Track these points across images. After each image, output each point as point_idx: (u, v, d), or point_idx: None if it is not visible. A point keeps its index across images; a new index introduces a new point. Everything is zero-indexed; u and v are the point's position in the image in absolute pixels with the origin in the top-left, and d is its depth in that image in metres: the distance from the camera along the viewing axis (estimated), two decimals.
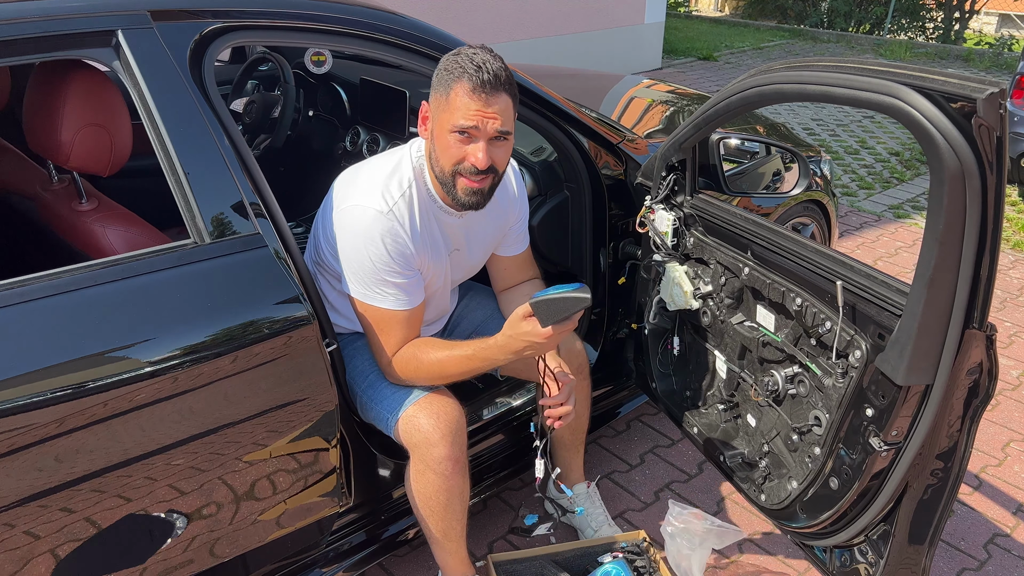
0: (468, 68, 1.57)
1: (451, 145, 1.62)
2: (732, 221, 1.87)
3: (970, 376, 1.37)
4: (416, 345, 1.75)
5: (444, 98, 1.61)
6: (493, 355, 1.68)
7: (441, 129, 1.63)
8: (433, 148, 1.67)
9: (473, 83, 1.57)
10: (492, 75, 1.58)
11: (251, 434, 1.55)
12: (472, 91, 1.57)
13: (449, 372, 1.74)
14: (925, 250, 1.27)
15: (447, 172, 1.66)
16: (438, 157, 1.66)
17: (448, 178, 1.67)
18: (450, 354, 1.72)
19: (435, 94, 1.64)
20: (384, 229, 1.66)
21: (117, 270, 1.40)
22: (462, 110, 1.58)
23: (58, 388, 1.30)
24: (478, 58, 1.59)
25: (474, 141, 1.62)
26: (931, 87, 1.20)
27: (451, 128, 1.60)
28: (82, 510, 1.39)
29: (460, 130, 1.60)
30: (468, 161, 1.63)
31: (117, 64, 1.50)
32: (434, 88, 1.64)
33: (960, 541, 2.34)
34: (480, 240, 1.93)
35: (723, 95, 1.72)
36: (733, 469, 1.95)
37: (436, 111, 1.64)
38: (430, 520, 1.80)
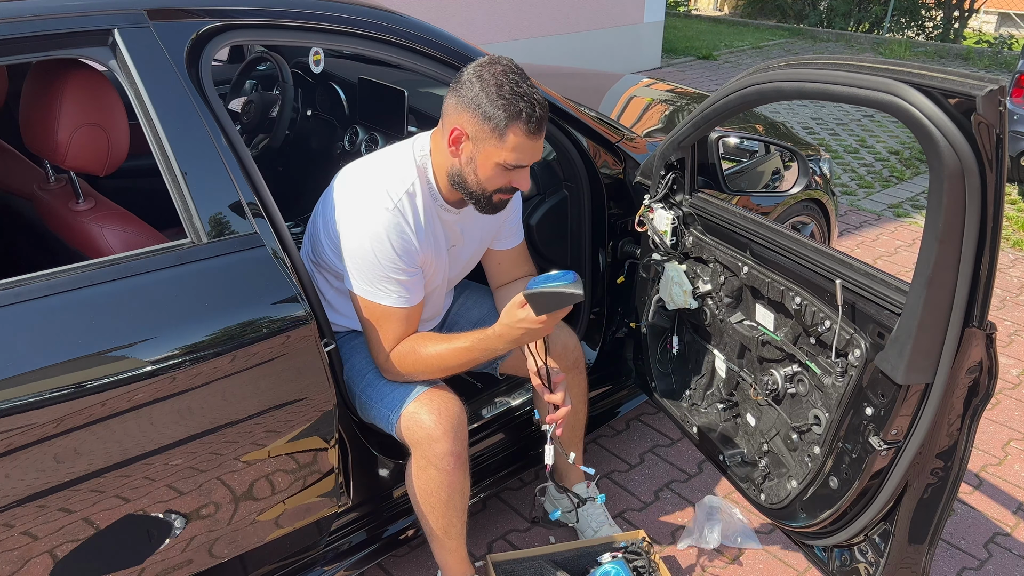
0: (523, 108, 1.58)
1: (498, 175, 1.66)
2: (731, 220, 1.87)
3: (970, 375, 1.36)
4: (414, 340, 1.76)
5: (497, 136, 1.60)
6: (491, 344, 1.70)
7: (487, 160, 1.64)
8: (471, 172, 1.67)
9: (530, 127, 1.60)
10: (542, 111, 1.62)
11: (249, 434, 1.54)
12: (529, 134, 1.61)
13: (448, 364, 1.74)
14: (925, 248, 1.27)
15: (487, 192, 1.70)
16: (479, 180, 1.68)
17: (484, 196, 1.71)
18: (448, 346, 1.73)
19: (480, 125, 1.60)
20: (389, 225, 1.66)
21: (114, 270, 1.40)
22: (519, 151, 1.63)
23: (55, 388, 1.29)
24: (526, 91, 1.59)
25: (519, 171, 1.68)
26: (930, 84, 1.19)
27: (502, 163, 1.64)
28: (80, 510, 1.38)
29: (513, 167, 1.65)
30: (511, 185, 1.70)
31: (114, 63, 1.49)
32: (477, 117, 1.60)
33: (960, 540, 2.34)
34: (475, 235, 1.94)
35: (722, 93, 1.71)
36: (733, 469, 1.94)
37: (481, 142, 1.62)
38: (431, 517, 1.80)
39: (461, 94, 1.62)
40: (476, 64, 1.64)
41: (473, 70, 1.62)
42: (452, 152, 1.67)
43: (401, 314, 1.72)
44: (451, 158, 1.68)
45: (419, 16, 1.95)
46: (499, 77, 1.59)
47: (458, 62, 1.96)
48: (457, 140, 1.65)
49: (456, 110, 1.63)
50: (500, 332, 1.67)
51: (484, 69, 1.61)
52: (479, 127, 1.61)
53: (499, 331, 1.67)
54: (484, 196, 1.71)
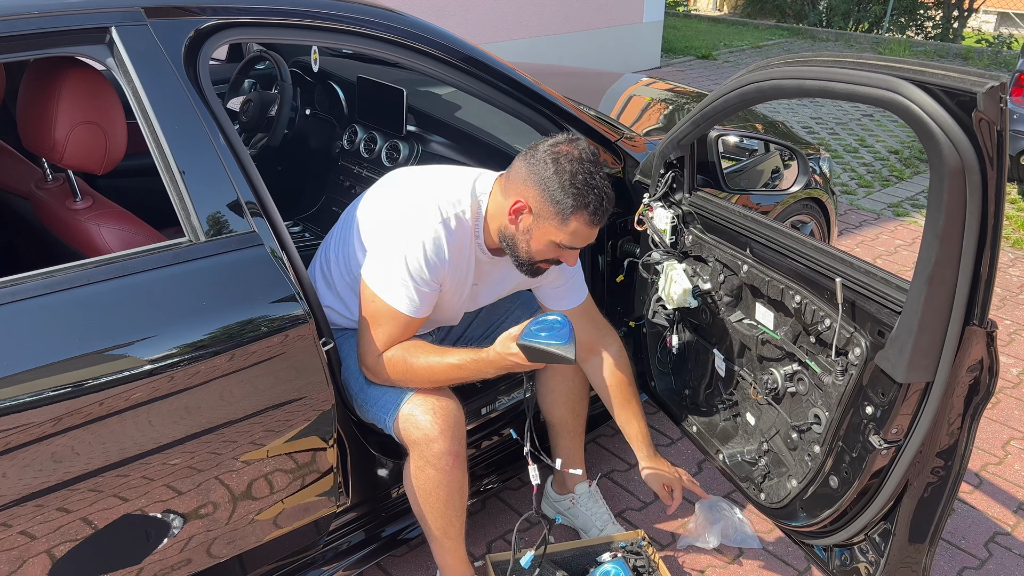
0: (592, 201, 1.64)
1: (550, 251, 1.72)
2: (731, 219, 1.86)
3: (971, 373, 1.36)
4: (406, 347, 1.75)
5: (560, 219, 1.65)
6: (482, 368, 1.73)
7: (544, 237, 1.69)
8: (523, 241, 1.72)
9: (595, 218, 1.66)
10: (609, 204, 1.67)
11: (248, 433, 1.54)
12: (592, 224, 1.67)
13: (437, 378, 1.75)
14: (925, 246, 1.26)
15: (534, 261, 1.76)
16: (530, 251, 1.73)
17: (531, 264, 1.76)
18: (440, 360, 1.74)
19: (546, 203, 1.65)
20: (430, 234, 1.69)
21: (112, 268, 1.40)
22: (578, 236, 1.69)
23: (53, 388, 1.29)
24: (597, 185, 1.64)
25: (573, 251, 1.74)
26: (931, 81, 1.18)
27: (560, 243, 1.69)
28: (78, 510, 1.38)
29: (568, 248, 1.71)
30: (560, 260, 1.77)
31: (111, 61, 1.49)
32: (545, 195, 1.65)
33: (961, 540, 2.33)
34: (501, 282, 1.97)
35: (721, 92, 1.71)
36: (732, 468, 1.94)
37: (543, 219, 1.67)
38: (430, 517, 1.79)
39: (534, 170, 1.67)
40: (553, 143, 1.68)
41: (549, 149, 1.67)
42: (511, 220, 1.72)
43: (403, 320, 1.72)
44: (508, 223, 1.72)
45: (419, 15, 1.95)
46: (575, 165, 1.64)
47: (458, 61, 1.96)
48: (519, 211, 1.70)
49: (524, 182, 1.68)
50: (492, 358, 1.71)
51: (561, 153, 1.66)
52: (544, 207, 1.66)
53: (492, 357, 1.70)
54: (529, 263, 1.76)
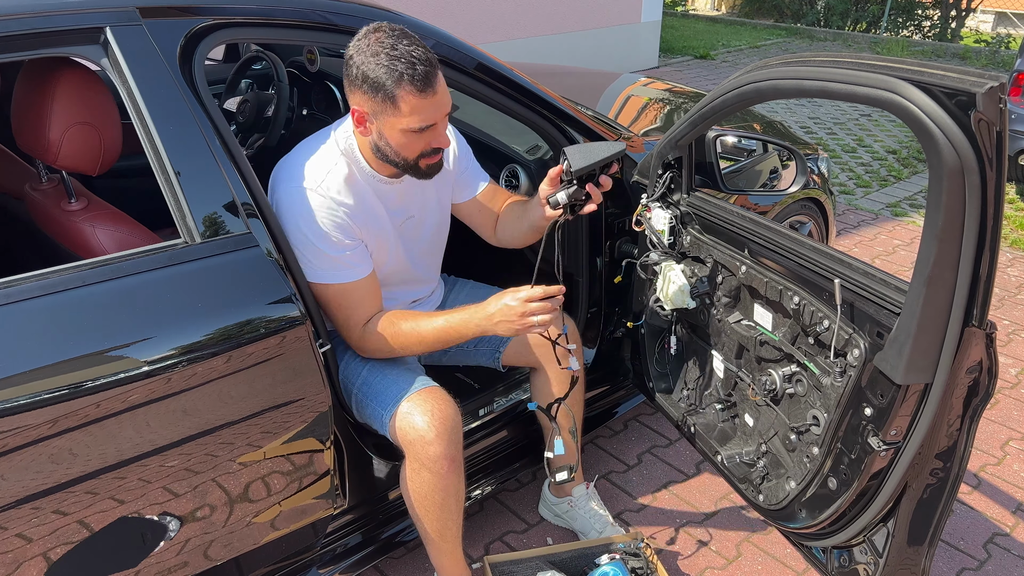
0: (405, 70, 1.54)
1: (411, 142, 1.64)
2: (729, 219, 1.86)
3: (970, 375, 1.35)
4: (393, 315, 1.77)
5: (390, 105, 1.58)
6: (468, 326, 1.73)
7: (393, 130, 1.63)
8: (385, 144, 1.66)
9: (417, 85, 1.56)
10: (427, 64, 1.56)
11: (244, 435, 1.53)
12: (420, 91, 1.57)
13: (425, 339, 1.76)
14: (924, 247, 1.26)
15: (410, 161, 1.68)
16: (397, 151, 1.67)
17: (410, 165, 1.70)
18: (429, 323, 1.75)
19: (371, 99, 1.59)
20: (316, 205, 1.67)
21: (107, 270, 1.39)
22: (417, 113, 1.59)
23: (47, 390, 1.28)
24: (404, 51, 1.54)
25: (433, 130, 1.64)
26: (929, 81, 1.18)
27: (407, 129, 1.61)
28: (74, 513, 1.37)
29: (420, 129, 1.62)
30: (432, 146, 1.67)
31: (105, 62, 1.48)
32: (366, 93, 1.58)
33: (959, 540, 2.33)
34: (428, 198, 1.92)
35: (719, 92, 1.70)
36: (731, 469, 1.93)
37: (380, 115, 1.61)
38: (426, 520, 1.78)
39: (349, 75, 1.60)
40: (355, 39, 1.59)
41: (353, 46, 1.59)
42: (362, 132, 1.68)
43: (352, 287, 1.72)
44: (363, 137, 1.69)
45: (416, 14, 1.94)
46: (375, 46, 1.55)
47: (455, 61, 1.95)
48: (361, 120, 1.65)
49: (350, 91, 1.62)
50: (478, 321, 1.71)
51: (361, 42, 1.58)
52: (373, 104, 1.59)
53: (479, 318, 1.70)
54: (410, 165, 1.70)
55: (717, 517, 2.41)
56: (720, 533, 2.35)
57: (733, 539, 2.32)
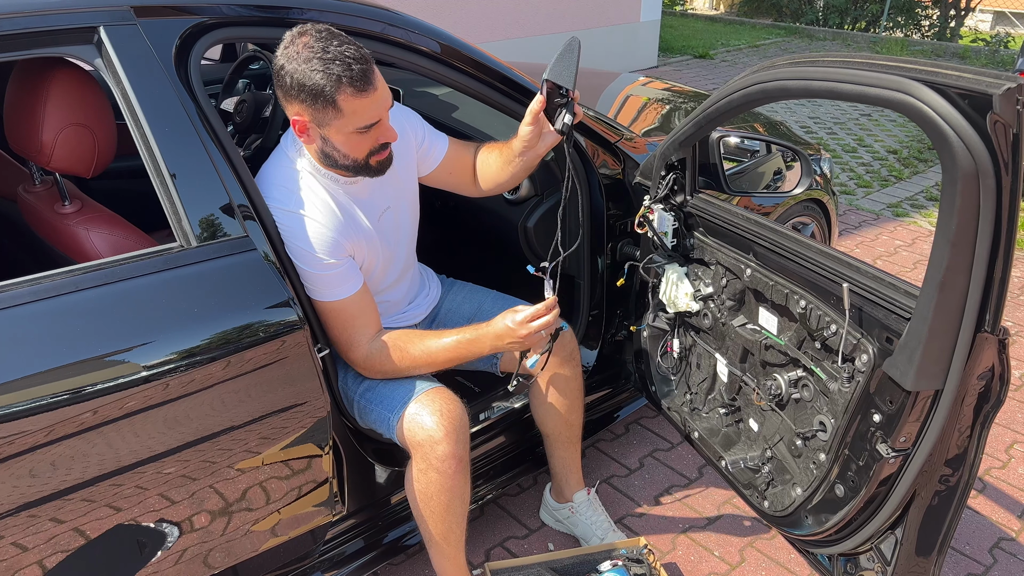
0: (340, 72, 1.49)
1: (358, 142, 1.60)
2: (733, 221, 1.83)
3: (981, 381, 1.33)
4: (400, 336, 1.75)
5: (332, 110, 1.53)
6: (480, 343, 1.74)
7: (338, 134, 1.57)
8: (331, 149, 1.61)
9: (357, 85, 1.51)
10: (361, 61, 1.52)
11: (242, 442, 1.51)
12: (359, 92, 1.52)
13: (435, 359, 1.76)
14: (936, 252, 1.23)
15: (360, 161, 1.63)
16: (346, 153, 1.61)
17: (361, 165, 1.64)
18: (437, 342, 1.75)
19: (308, 107, 1.53)
20: (298, 227, 1.62)
21: (101, 275, 1.36)
22: (359, 113, 1.55)
23: (41, 397, 1.25)
24: (336, 55, 1.49)
25: (378, 126, 1.60)
26: (944, 82, 1.15)
27: (353, 131, 1.57)
28: (70, 521, 1.35)
29: (365, 128, 1.57)
30: (379, 142, 1.63)
31: (99, 62, 1.45)
32: (304, 101, 1.53)
33: (965, 545, 2.30)
34: (398, 184, 1.86)
35: (724, 92, 1.68)
36: (735, 475, 1.91)
37: (322, 121, 1.56)
38: (430, 522, 1.76)
39: (283, 85, 1.54)
40: (281, 47, 1.53)
41: (282, 55, 1.53)
42: (305, 141, 1.62)
43: (349, 302, 1.69)
44: (311, 146, 1.64)
45: (415, 13, 1.91)
46: (305, 52, 1.50)
47: (454, 60, 1.93)
48: (303, 129, 1.59)
49: (286, 102, 1.57)
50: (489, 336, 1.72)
51: (289, 49, 1.52)
52: (312, 110, 1.54)
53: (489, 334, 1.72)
54: (361, 165, 1.64)
55: (720, 522, 2.38)
56: (723, 538, 2.32)
57: (736, 544, 2.30)
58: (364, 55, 1.53)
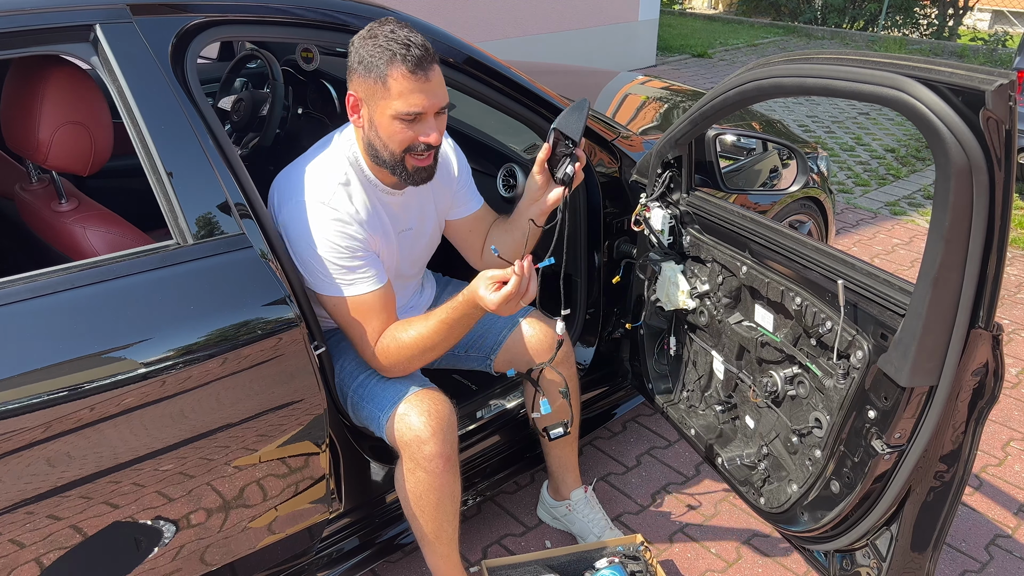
0: (398, 50, 1.53)
1: (398, 131, 1.60)
2: (729, 219, 1.83)
3: (975, 377, 1.33)
4: (392, 330, 1.73)
5: (381, 86, 1.56)
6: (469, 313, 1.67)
7: (382, 116, 1.60)
8: (374, 135, 1.64)
9: (408, 65, 1.54)
10: (422, 50, 1.55)
11: (239, 439, 1.51)
12: (410, 74, 1.54)
13: (431, 342, 1.70)
14: (930, 248, 1.24)
15: (397, 155, 1.64)
16: (384, 143, 1.63)
17: (397, 161, 1.65)
18: (426, 325, 1.70)
19: (364, 81, 1.58)
20: (327, 219, 1.64)
21: (97, 272, 1.36)
22: (406, 96, 1.56)
23: (38, 394, 1.25)
24: (400, 36, 1.54)
25: (421, 121, 1.60)
26: (937, 79, 1.16)
27: (395, 115, 1.58)
28: (67, 518, 1.35)
29: (407, 115, 1.58)
30: (419, 140, 1.62)
31: (96, 60, 1.45)
32: (360, 75, 1.58)
33: (961, 542, 2.31)
34: (427, 211, 1.90)
35: (720, 90, 1.68)
36: (731, 472, 1.91)
37: (371, 99, 1.59)
38: (421, 520, 1.76)
39: (349, 62, 1.60)
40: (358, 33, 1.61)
41: (357, 36, 1.60)
42: (355, 122, 1.66)
43: (372, 299, 1.69)
44: (359, 130, 1.67)
45: (413, 12, 1.91)
46: (374, 30, 1.57)
47: (452, 59, 1.93)
48: (355, 107, 1.63)
49: (349, 78, 1.61)
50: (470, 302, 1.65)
51: (364, 31, 1.59)
52: (367, 85, 1.58)
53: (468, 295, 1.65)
54: (398, 161, 1.65)
55: (717, 519, 2.39)
56: (720, 535, 2.33)
57: (733, 541, 2.30)
58: (428, 47, 1.57)
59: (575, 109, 1.78)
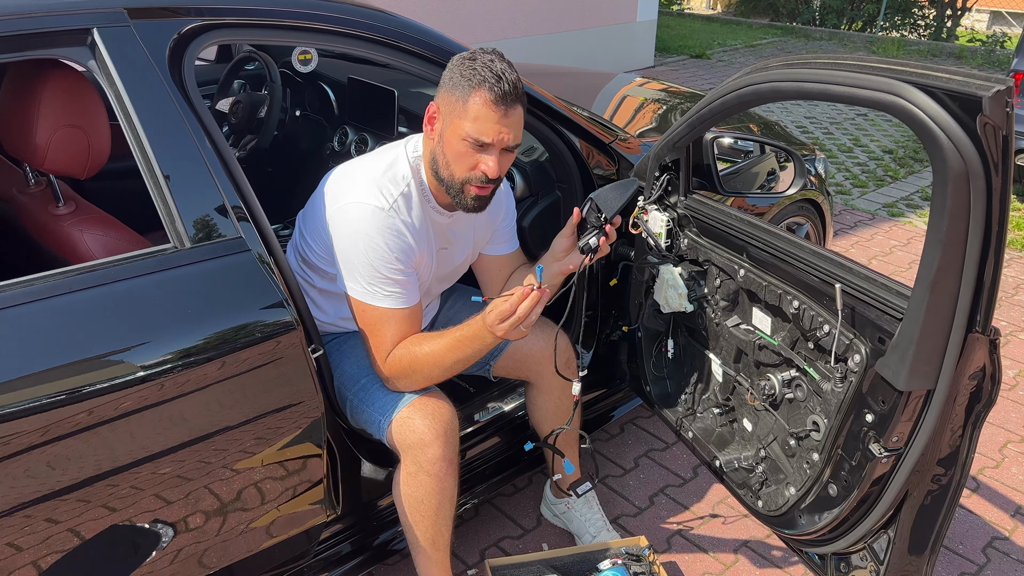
0: (488, 78, 1.57)
1: (463, 153, 1.63)
2: (727, 222, 1.84)
3: (972, 381, 1.33)
4: (407, 342, 1.72)
5: (461, 104, 1.59)
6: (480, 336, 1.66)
7: (453, 134, 1.62)
8: (441, 151, 1.66)
9: (494, 95, 1.57)
10: (511, 87, 1.59)
11: (237, 442, 1.51)
12: (492, 102, 1.58)
13: (443, 361, 1.70)
14: (928, 252, 1.24)
15: (457, 179, 1.66)
16: (448, 162, 1.65)
17: (456, 184, 1.67)
18: (440, 342, 1.69)
19: (449, 96, 1.62)
20: (385, 226, 1.65)
21: (95, 276, 1.36)
22: (480, 121, 1.59)
23: (35, 398, 1.25)
24: (496, 67, 1.59)
25: (486, 151, 1.63)
26: (934, 85, 1.16)
27: (465, 136, 1.60)
28: (64, 521, 1.35)
29: (475, 141, 1.60)
30: (479, 170, 1.64)
31: (93, 64, 1.45)
32: (447, 90, 1.63)
33: (959, 545, 2.31)
34: (467, 238, 1.92)
35: (718, 93, 1.68)
36: (729, 475, 1.91)
37: (449, 115, 1.62)
38: (419, 526, 1.76)
39: (442, 78, 1.65)
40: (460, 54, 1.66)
41: (455, 57, 1.65)
42: (428, 132, 1.69)
43: (401, 315, 1.69)
44: (430, 142, 1.69)
45: (409, 14, 1.92)
46: (475, 54, 1.62)
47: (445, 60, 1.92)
48: (432, 119, 1.67)
49: (437, 93, 1.67)
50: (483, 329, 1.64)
51: (467, 53, 1.65)
52: (448, 100, 1.62)
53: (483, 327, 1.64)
54: (458, 186, 1.67)
55: (715, 521, 2.39)
56: (718, 537, 2.33)
57: (731, 544, 2.30)
58: (518, 86, 1.61)
59: (621, 187, 1.80)
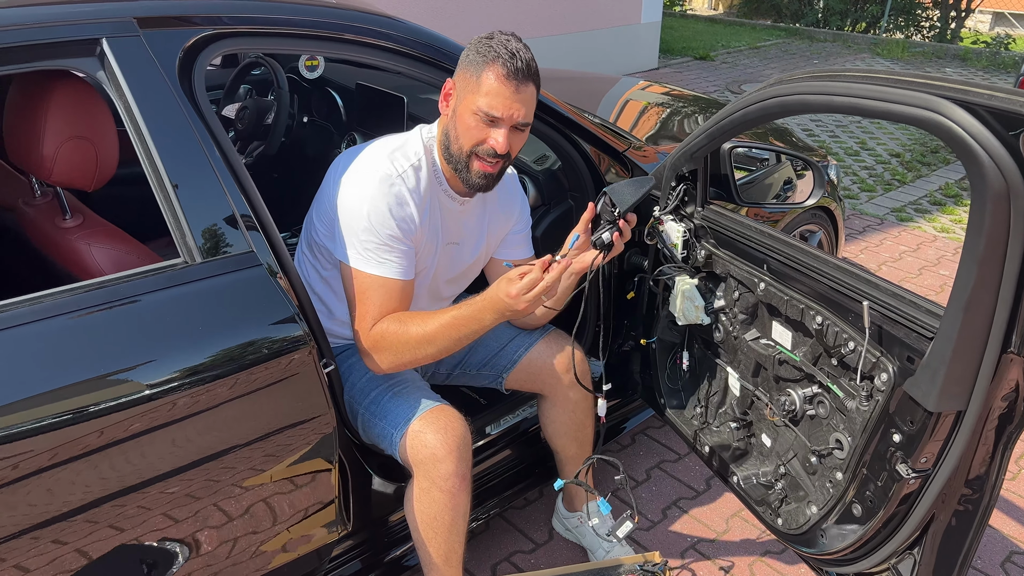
0: (502, 53, 1.59)
1: (473, 126, 1.64)
2: (746, 234, 1.80)
3: (1004, 402, 1.30)
4: (398, 318, 1.68)
5: (474, 79, 1.61)
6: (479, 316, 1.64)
7: (466, 108, 1.63)
8: (453, 125, 1.67)
9: (506, 69, 1.59)
10: (524, 64, 1.61)
11: (247, 460, 1.48)
12: (504, 77, 1.59)
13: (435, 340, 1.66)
14: (963, 271, 1.20)
15: (464, 151, 1.67)
16: (458, 135, 1.66)
17: (464, 157, 1.68)
18: (435, 321, 1.66)
19: (463, 73, 1.64)
20: (390, 192, 1.65)
21: (104, 293, 1.33)
22: (491, 95, 1.60)
23: (42, 418, 1.22)
24: (511, 45, 1.61)
25: (496, 126, 1.64)
26: (976, 101, 1.12)
27: (476, 110, 1.61)
28: (73, 542, 1.32)
29: (486, 115, 1.61)
30: (488, 144, 1.64)
31: (102, 74, 1.42)
32: (463, 67, 1.65)
33: (976, 560, 2.28)
34: (479, 232, 1.90)
35: (740, 104, 1.64)
36: (747, 491, 1.88)
37: (462, 90, 1.64)
38: (432, 543, 1.72)
39: (459, 59, 1.67)
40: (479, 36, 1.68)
41: (474, 38, 1.66)
42: (443, 109, 1.71)
43: (391, 285, 1.67)
44: (444, 119, 1.71)
45: (415, 19, 1.90)
46: (493, 34, 1.64)
47: (453, 66, 1.89)
48: (447, 96, 1.70)
49: (455, 72, 1.69)
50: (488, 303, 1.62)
51: (485, 34, 1.66)
52: (464, 76, 1.64)
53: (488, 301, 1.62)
54: (463, 158, 1.67)
55: (729, 535, 2.35)
56: (732, 552, 2.29)
57: (745, 558, 2.27)
58: (531, 66, 1.63)
59: (635, 183, 1.76)
